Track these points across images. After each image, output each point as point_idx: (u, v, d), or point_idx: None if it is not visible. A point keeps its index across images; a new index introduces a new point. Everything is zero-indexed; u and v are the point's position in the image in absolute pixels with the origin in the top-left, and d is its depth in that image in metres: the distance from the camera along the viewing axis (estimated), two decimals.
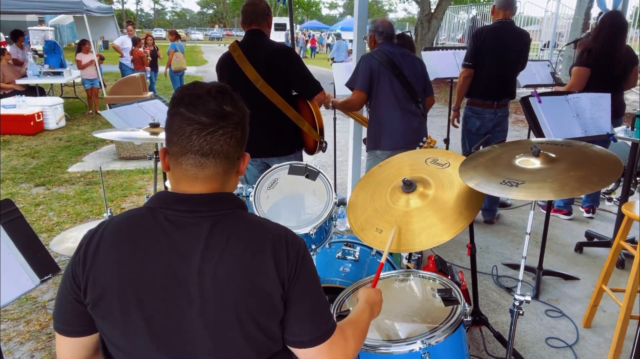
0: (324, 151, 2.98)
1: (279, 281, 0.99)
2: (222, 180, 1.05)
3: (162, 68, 10.50)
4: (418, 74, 3.15)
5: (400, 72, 3.05)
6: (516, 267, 3.36)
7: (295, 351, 1.07)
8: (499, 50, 3.67)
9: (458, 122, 4.06)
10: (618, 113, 3.80)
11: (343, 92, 3.54)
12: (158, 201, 1.03)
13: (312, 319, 1.04)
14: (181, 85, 9.95)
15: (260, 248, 1.00)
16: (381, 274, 1.90)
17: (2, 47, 8.86)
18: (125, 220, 1.04)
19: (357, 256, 2.24)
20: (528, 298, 1.74)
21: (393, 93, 3.07)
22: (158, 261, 0.98)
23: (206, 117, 0.99)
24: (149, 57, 9.83)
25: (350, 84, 3.15)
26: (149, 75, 9.84)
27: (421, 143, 2.96)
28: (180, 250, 0.98)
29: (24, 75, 8.85)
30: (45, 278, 1.51)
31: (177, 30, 10.87)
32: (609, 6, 6.88)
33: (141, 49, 9.64)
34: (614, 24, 3.67)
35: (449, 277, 2.11)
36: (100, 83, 8.96)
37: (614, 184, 4.68)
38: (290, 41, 5.05)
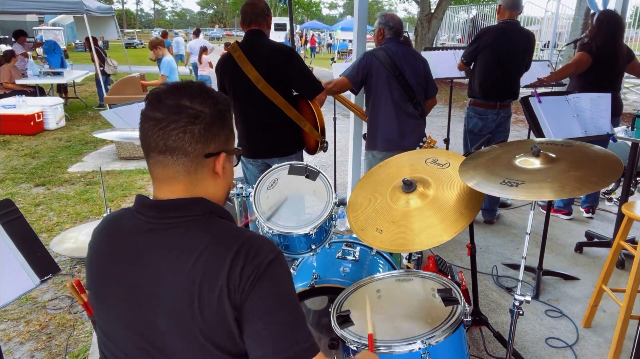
0: (325, 151, 2.98)
1: (227, 299, 0.91)
2: (186, 180, 1.00)
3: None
4: (419, 76, 3.13)
5: (401, 73, 3.04)
6: (516, 267, 3.36)
7: None
8: (503, 51, 3.67)
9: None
10: (616, 112, 3.81)
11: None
12: (136, 204, 1.04)
13: (272, 341, 0.92)
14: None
15: (216, 261, 0.92)
16: (381, 274, 1.91)
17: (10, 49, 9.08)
18: (109, 220, 1.08)
19: (357, 256, 2.24)
20: (528, 298, 1.74)
21: (390, 95, 3.07)
22: (123, 266, 0.99)
23: (160, 113, 0.96)
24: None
25: (342, 73, 3.20)
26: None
27: (421, 143, 2.96)
28: (140, 257, 0.98)
29: (24, 75, 8.89)
30: (45, 278, 1.51)
31: (167, 30, 11.20)
32: (600, 6, 6.90)
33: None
34: (614, 22, 3.70)
35: (449, 277, 2.11)
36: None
37: (614, 184, 4.69)
38: (290, 41, 5.06)
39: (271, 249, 0.97)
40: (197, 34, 11.88)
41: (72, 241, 2.56)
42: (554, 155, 1.65)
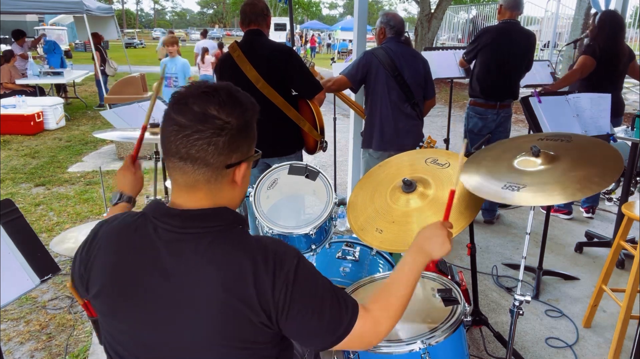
0: (324, 150, 2.98)
1: (262, 311, 0.93)
2: (206, 189, 0.99)
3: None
4: (419, 77, 3.13)
5: (399, 73, 3.04)
6: (516, 267, 3.36)
7: None
8: (503, 51, 3.66)
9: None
10: (618, 112, 3.81)
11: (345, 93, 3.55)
12: (152, 210, 1.01)
13: (324, 331, 0.99)
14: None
15: (241, 273, 0.93)
16: (381, 274, 1.91)
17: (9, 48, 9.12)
18: (120, 224, 1.04)
19: (357, 256, 2.24)
20: (528, 298, 1.74)
21: (388, 94, 3.07)
22: (141, 273, 0.97)
23: (184, 119, 0.94)
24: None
25: (342, 71, 3.21)
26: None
27: (421, 143, 2.96)
28: (162, 266, 0.96)
29: (24, 75, 8.89)
30: (45, 278, 1.51)
31: (173, 30, 11.42)
32: (602, 6, 6.90)
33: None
34: (615, 21, 3.71)
35: (449, 277, 2.11)
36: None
37: (614, 184, 4.69)
38: (290, 41, 5.07)
39: (292, 254, 1.00)
40: (204, 34, 12.51)
41: (72, 241, 2.55)
42: (553, 153, 1.65)
